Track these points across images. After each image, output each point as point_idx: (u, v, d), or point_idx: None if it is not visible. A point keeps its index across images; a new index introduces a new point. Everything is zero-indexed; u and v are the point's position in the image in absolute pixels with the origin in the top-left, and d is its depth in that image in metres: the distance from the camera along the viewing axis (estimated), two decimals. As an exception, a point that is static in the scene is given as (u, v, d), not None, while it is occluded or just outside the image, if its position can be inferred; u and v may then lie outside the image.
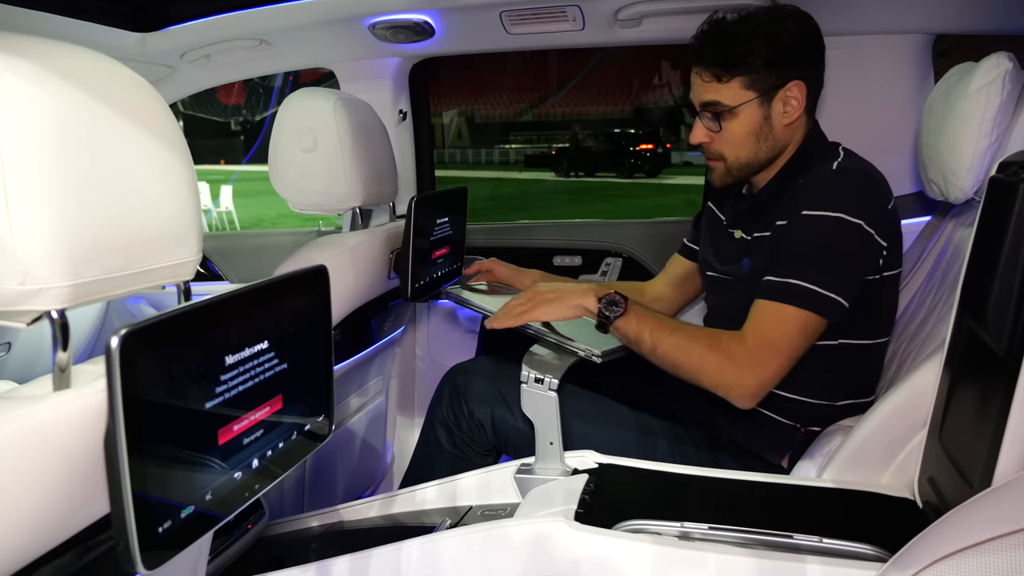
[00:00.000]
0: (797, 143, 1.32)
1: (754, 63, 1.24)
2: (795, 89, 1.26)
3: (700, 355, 1.14)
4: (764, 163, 1.32)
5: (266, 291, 0.71)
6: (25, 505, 0.55)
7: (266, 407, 0.72)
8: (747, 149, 1.30)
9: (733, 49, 1.25)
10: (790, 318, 1.14)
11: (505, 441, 1.40)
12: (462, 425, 1.42)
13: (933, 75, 1.69)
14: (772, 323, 1.15)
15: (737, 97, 1.26)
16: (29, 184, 0.56)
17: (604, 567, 0.95)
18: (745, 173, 1.34)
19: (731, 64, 1.25)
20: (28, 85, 0.57)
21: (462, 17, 1.73)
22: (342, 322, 1.43)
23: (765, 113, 1.27)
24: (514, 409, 1.36)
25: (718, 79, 1.27)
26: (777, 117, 1.27)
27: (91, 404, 0.58)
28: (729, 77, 1.26)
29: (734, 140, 1.30)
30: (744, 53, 1.24)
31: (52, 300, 0.58)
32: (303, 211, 1.50)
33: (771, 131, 1.28)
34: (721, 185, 1.37)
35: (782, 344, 1.13)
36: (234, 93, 24.00)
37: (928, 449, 1.01)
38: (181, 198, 0.71)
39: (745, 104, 1.26)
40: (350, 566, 1.06)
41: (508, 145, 34.29)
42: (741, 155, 1.31)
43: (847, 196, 1.18)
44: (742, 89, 1.26)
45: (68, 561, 0.63)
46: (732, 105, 1.27)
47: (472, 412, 1.41)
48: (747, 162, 1.31)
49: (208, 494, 0.65)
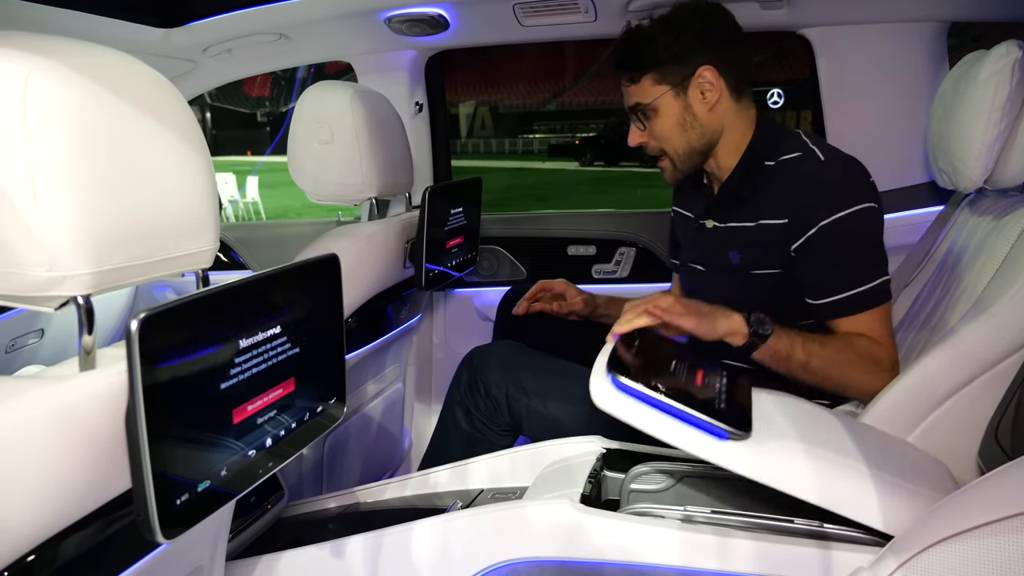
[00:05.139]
0: (745, 128, 1.35)
1: (660, 58, 1.32)
2: (707, 74, 1.30)
3: (851, 367, 1.19)
4: (702, 150, 1.36)
5: (278, 278, 0.75)
6: (51, 478, 0.59)
7: (279, 389, 0.76)
8: (677, 140, 1.36)
9: (639, 50, 1.34)
10: (882, 317, 1.22)
11: (520, 422, 1.43)
12: (479, 405, 1.46)
13: (948, 63, 1.68)
14: (884, 325, 1.22)
15: (652, 93, 1.34)
16: (55, 177, 0.59)
17: (608, 549, 0.98)
18: (689, 164, 1.38)
19: (640, 64, 1.34)
20: (53, 84, 0.60)
21: (476, 10, 1.75)
22: (358, 310, 1.47)
23: (683, 103, 1.33)
24: (530, 391, 1.41)
25: (633, 81, 1.35)
26: (697, 104, 1.32)
27: (113, 385, 0.62)
28: (640, 76, 1.34)
29: (663, 134, 1.36)
30: (649, 51, 1.32)
31: (77, 286, 0.62)
32: (321, 202, 1.53)
33: (695, 119, 1.33)
34: (673, 183, 1.44)
35: (891, 336, 1.22)
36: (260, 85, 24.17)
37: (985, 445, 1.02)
38: (198, 189, 0.74)
39: (660, 98, 1.33)
40: (363, 545, 1.10)
41: (532, 135, 34.16)
42: (676, 147, 1.36)
43: (851, 186, 1.23)
44: (655, 85, 1.33)
45: (93, 532, 0.67)
46: (648, 102, 1.34)
47: (489, 392, 1.45)
48: (684, 153, 1.37)
49: (223, 470, 0.68)
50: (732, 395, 1.00)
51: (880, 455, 0.97)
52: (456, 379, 1.52)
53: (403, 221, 1.58)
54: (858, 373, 1.18)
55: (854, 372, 1.18)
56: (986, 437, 1.03)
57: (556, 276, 1.66)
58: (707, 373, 1.04)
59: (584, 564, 0.99)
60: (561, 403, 1.37)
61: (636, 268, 2.06)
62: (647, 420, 0.93)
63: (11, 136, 0.58)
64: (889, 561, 0.61)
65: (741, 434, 0.91)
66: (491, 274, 2.17)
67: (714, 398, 0.97)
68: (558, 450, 1.27)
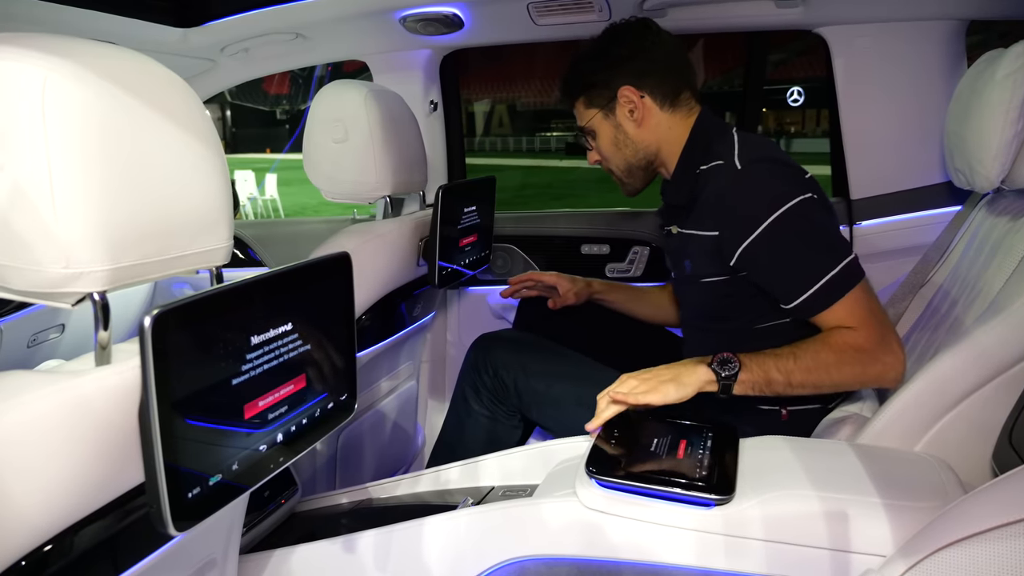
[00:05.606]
0: (683, 135, 1.36)
1: (585, 83, 1.40)
2: (628, 94, 1.35)
3: (835, 367, 1.14)
4: (642, 165, 1.41)
5: (290, 276, 0.76)
6: (67, 470, 0.61)
7: (290, 385, 0.77)
8: (616, 158, 1.43)
9: (568, 79, 1.43)
10: (857, 300, 1.16)
11: (528, 405, 1.45)
12: (487, 383, 1.50)
13: (966, 62, 1.66)
14: (855, 312, 1.16)
15: (585, 116, 1.42)
16: (72, 177, 0.61)
17: (618, 547, 0.98)
18: (634, 179, 1.44)
19: (570, 92, 1.44)
20: (70, 85, 0.62)
21: (490, 9, 1.75)
22: (372, 307, 1.48)
23: (613, 123, 1.39)
24: (536, 376, 1.43)
25: (572, 106, 1.45)
26: (626, 123, 1.38)
27: (127, 379, 0.63)
28: (574, 101, 1.44)
29: (604, 153, 1.44)
30: (574, 79, 1.42)
31: (93, 283, 0.63)
32: (335, 200, 1.55)
33: (627, 137, 1.39)
34: (630, 195, 1.49)
35: (875, 319, 1.15)
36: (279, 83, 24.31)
37: (999, 448, 1.01)
38: (212, 188, 0.75)
39: (592, 120, 1.41)
40: (375, 540, 1.11)
41: (549, 132, 34.11)
42: (616, 164, 1.44)
43: (775, 186, 1.19)
44: (586, 109, 1.41)
45: (108, 523, 0.69)
46: (584, 124, 1.43)
47: (496, 372, 1.48)
48: (624, 169, 1.43)
49: (235, 464, 0.69)
50: (716, 459, 1.02)
51: (867, 478, 0.96)
52: (465, 361, 1.57)
53: (417, 219, 1.59)
54: (846, 369, 1.13)
55: (841, 370, 1.14)
56: (1000, 440, 1.02)
57: (570, 275, 1.68)
58: (690, 442, 1.06)
59: (594, 562, 0.99)
60: (569, 391, 1.39)
61: (650, 267, 2.06)
62: (634, 509, 0.97)
63: (29, 136, 0.60)
64: (898, 564, 0.61)
65: (724, 498, 0.94)
66: (505, 272, 2.18)
67: (696, 468, 0.99)
68: (569, 448, 1.27)
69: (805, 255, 1.17)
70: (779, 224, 1.16)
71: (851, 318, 1.15)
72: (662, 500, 0.96)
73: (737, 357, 1.15)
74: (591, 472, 1.00)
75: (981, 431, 1.05)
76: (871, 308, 1.16)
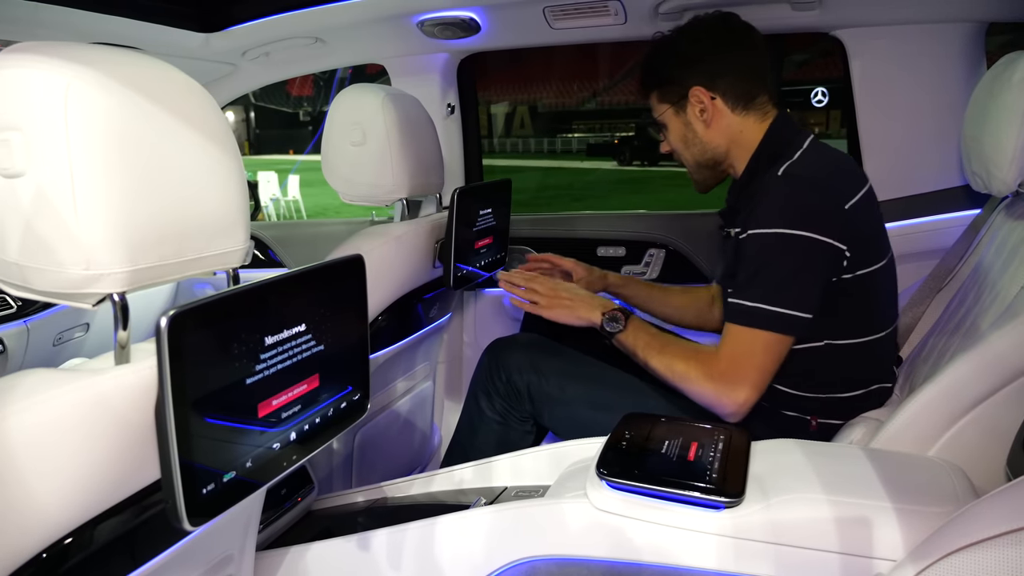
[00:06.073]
0: (756, 138, 1.33)
1: (658, 78, 1.38)
2: (699, 94, 1.32)
3: (683, 374, 1.23)
4: (709, 164, 1.39)
5: (304, 278, 0.77)
6: (87, 465, 0.63)
7: (303, 385, 0.78)
8: (685, 155, 1.41)
9: (644, 69, 1.41)
10: (753, 340, 1.18)
11: (541, 410, 1.46)
12: (500, 390, 1.50)
13: (985, 64, 1.64)
14: (738, 345, 1.20)
15: (658, 110, 1.40)
16: (93, 182, 0.63)
17: (628, 548, 0.99)
18: (703, 176, 1.43)
19: (644, 83, 1.41)
20: (92, 91, 0.64)
21: (507, 13, 1.76)
22: (388, 308, 1.50)
23: (684, 120, 1.37)
24: (549, 380, 1.44)
25: (645, 96, 1.42)
26: (695, 122, 1.35)
27: (144, 378, 0.65)
28: (648, 92, 1.41)
29: (674, 148, 1.42)
30: (649, 71, 1.40)
31: (113, 284, 0.65)
32: (353, 202, 1.56)
33: (696, 136, 1.37)
34: (699, 191, 1.49)
35: (750, 365, 1.18)
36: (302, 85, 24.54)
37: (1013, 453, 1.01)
38: (229, 192, 0.77)
39: (664, 115, 1.39)
40: (388, 538, 1.12)
41: (571, 134, 34.09)
42: (685, 160, 1.43)
43: (788, 208, 1.19)
44: (659, 103, 1.40)
45: (127, 518, 0.71)
46: (656, 117, 1.41)
47: (510, 378, 1.48)
48: (693, 166, 1.42)
49: (248, 462, 0.71)
50: (726, 462, 1.02)
51: (877, 482, 0.95)
52: (478, 366, 1.57)
53: (433, 221, 1.61)
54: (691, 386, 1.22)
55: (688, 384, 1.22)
56: (1014, 445, 1.01)
57: (588, 265, 1.69)
58: (701, 445, 1.07)
59: (604, 563, 1.00)
60: (583, 396, 1.39)
61: (666, 269, 2.06)
62: (644, 510, 0.98)
63: (52, 141, 0.62)
64: (907, 568, 0.61)
65: (734, 501, 0.94)
66: None
67: (706, 470, 1.00)
68: (581, 449, 1.28)
69: (764, 276, 1.19)
70: (766, 239, 1.19)
71: (736, 348, 1.19)
72: (672, 502, 0.97)
73: (625, 319, 1.33)
74: (601, 473, 1.01)
75: (996, 436, 1.04)
76: (749, 358, 1.18)
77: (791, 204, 1.19)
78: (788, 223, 1.17)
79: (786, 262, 1.18)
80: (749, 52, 1.33)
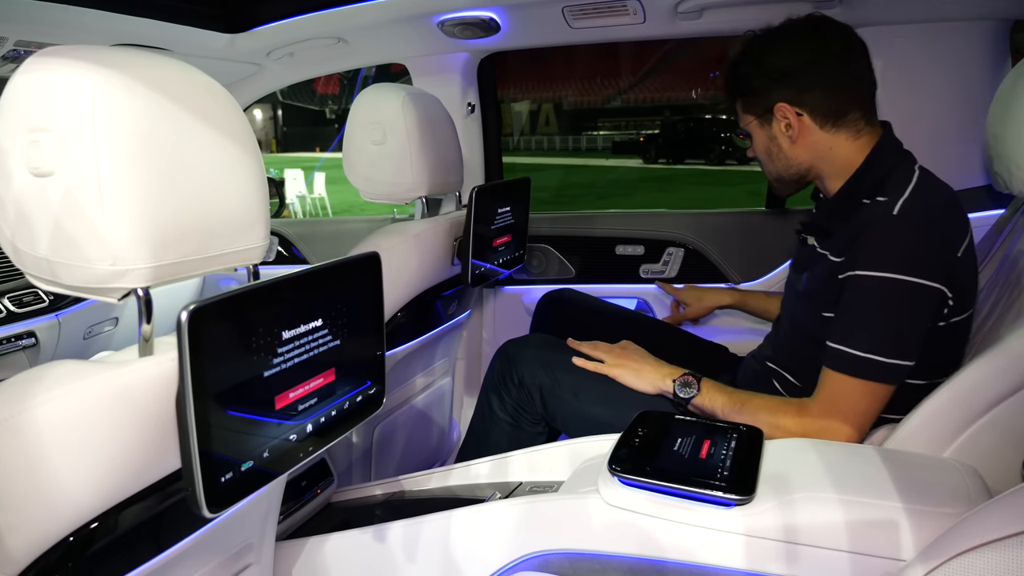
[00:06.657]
0: (852, 156, 1.25)
1: (742, 88, 1.31)
2: (784, 109, 1.25)
3: (773, 425, 1.17)
4: (792, 179, 1.33)
5: (321, 275, 0.79)
6: (111, 453, 0.65)
7: (320, 378, 0.80)
8: (768, 166, 1.35)
9: (729, 75, 1.33)
10: (856, 389, 1.13)
11: (553, 413, 1.46)
12: (512, 393, 1.50)
13: (1010, 62, 1.62)
14: (838, 395, 1.14)
15: (744, 119, 1.34)
16: (119, 181, 0.65)
17: (636, 543, 1.00)
18: (782, 186, 1.38)
19: (729, 89, 1.34)
20: (119, 93, 0.66)
21: (526, 13, 1.78)
22: (407, 305, 1.52)
23: (768, 133, 1.30)
24: (561, 382, 1.43)
25: (731, 102, 1.35)
26: (781, 137, 1.29)
27: (166, 370, 0.68)
28: (732, 101, 1.35)
29: (759, 156, 1.36)
30: (734, 79, 1.32)
31: (137, 279, 0.68)
32: (373, 200, 1.59)
33: (780, 150, 1.30)
34: (780, 196, 1.47)
35: (850, 414, 1.14)
36: (327, 83, 24.70)
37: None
38: (249, 190, 0.79)
39: (749, 125, 1.33)
40: (404, 531, 1.14)
41: (596, 132, 33.97)
42: (768, 171, 1.37)
43: (905, 252, 1.12)
44: (744, 112, 1.33)
45: (150, 505, 0.73)
46: (742, 126, 1.35)
47: (522, 381, 1.48)
48: (775, 179, 1.36)
49: (266, 452, 0.73)
50: (739, 460, 1.03)
51: (889, 482, 0.95)
52: (491, 367, 1.57)
53: (452, 219, 1.63)
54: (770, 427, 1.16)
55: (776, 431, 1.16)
56: None
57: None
58: (714, 443, 1.07)
59: (615, 558, 1.01)
60: (595, 399, 1.40)
61: (684, 268, 2.06)
62: (655, 507, 0.99)
63: (80, 142, 0.64)
64: (917, 568, 0.61)
65: (745, 499, 0.95)
66: (540, 272, 2.20)
67: (718, 468, 1.00)
68: (595, 446, 1.29)
69: (875, 323, 1.13)
70: (876, 283, 1.12)
71: (829, 395, 1.15)
72: (682, 499, 0.98)
73: (698, 382, 1.27)
74: (614, 470, 1.02)
75: (1012, 438, 1.03)
76: (850, 408, 1.14)
77: (908, 248, 1.12)
78: (902, 268, 1.10)
79: (898, 310, 1.12)
80: (842, 65, 1.23)
